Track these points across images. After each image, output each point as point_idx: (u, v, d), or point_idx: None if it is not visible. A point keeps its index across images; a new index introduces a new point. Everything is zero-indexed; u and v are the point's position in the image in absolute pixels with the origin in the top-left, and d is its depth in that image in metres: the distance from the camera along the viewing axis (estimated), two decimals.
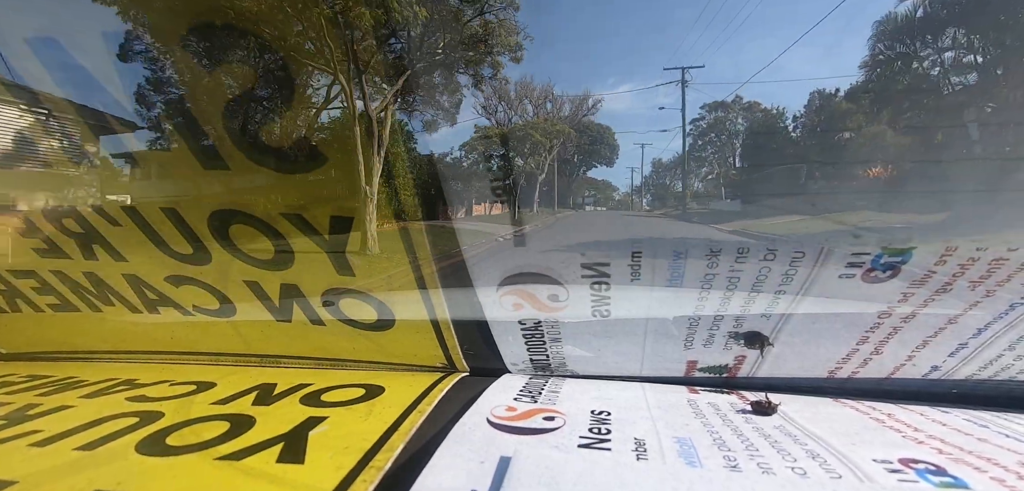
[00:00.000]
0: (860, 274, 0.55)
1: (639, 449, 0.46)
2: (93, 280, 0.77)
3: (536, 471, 0.38)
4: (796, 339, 0.62)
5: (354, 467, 0.43)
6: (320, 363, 0.77)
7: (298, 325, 0.74)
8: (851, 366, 0.61)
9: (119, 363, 0.81)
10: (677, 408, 0.56)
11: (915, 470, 0.41)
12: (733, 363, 0.65)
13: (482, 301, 0.71)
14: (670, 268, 0.62)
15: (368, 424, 0.52)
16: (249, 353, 0.79)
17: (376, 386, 0.64)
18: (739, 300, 0.60)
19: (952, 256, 0.53)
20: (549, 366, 0.70)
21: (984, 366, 0.58)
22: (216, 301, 0.75)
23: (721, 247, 0.59)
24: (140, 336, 0.82)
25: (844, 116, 4.12)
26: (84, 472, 0.43)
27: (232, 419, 0.53)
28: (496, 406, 0.56)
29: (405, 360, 0.75)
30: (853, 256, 0.55)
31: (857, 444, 0.46)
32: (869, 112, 3.87)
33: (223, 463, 0.44)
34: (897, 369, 0.60)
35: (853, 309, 0.60)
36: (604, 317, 0.65)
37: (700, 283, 0.61)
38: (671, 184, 6.27)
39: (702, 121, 6.21)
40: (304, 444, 0.47)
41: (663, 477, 0.39)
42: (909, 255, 0.53)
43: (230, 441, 0.48)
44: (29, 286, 0.79)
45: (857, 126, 3.96)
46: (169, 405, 0.58)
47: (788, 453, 0.45)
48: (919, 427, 0.50)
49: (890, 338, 0.58)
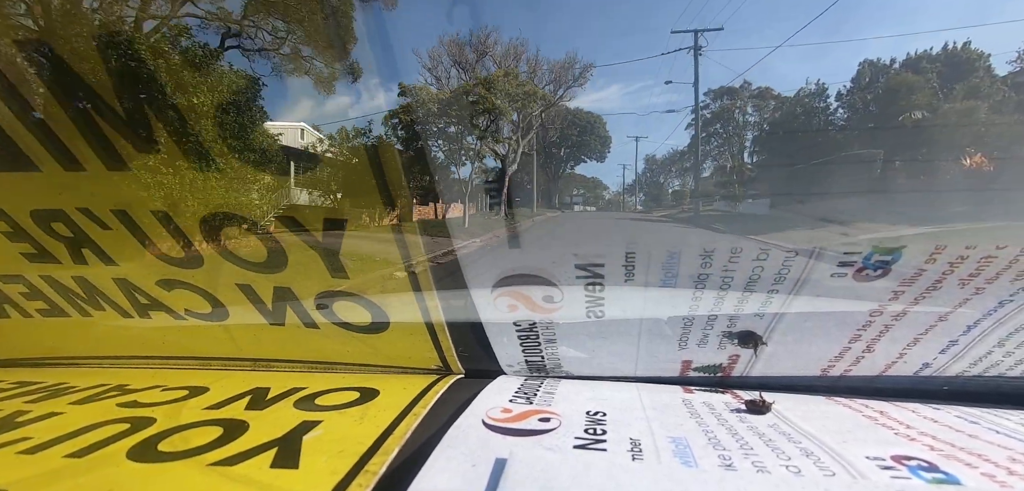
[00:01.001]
0: (851, 273, 0.56)
1: (634, 449, 0.46)
2: (84, 285, 0.76)
3: (532, 473, 0.38)
4: (789, 338, 0.62)
5: (349, 471, 0.42)
6: (314, 367, 0.76)
7: (291, 328, 0.74)
8: (844, 364, 0.62)
9: (110, 368, 0.80)
10: (672, 408, 0.56)
11: (907, 466, 0.42)
12: (727, 363, 0.65)
13: (477, 303, 0.71)
14: (664, 268, 0.62)
15: (363, 428, 0.51)
16: (242, 357, 0.79)
17: (371, 389, 0.63)
18: (733, 300, 0.60)
19: (941, 255, 0.53)
20: (544, 367, 0.70)
21: (974, 363, 0.58)
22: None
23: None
24: (132, 340, 0.81)
25: (911, 91, 3.35)
26: (74, 479, 0.43)
27: (225, 424, 0.53)
28: (491, 408, 0.55)
29: (400, 363, 0.74)
30: (845, 255, 0.55)
31: (850, 441, 0.47)
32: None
33: (216, 469, 0.44)
34: (889, 367, 0.61)
35: (845, 308, 0.61)
36: (599, 318, 0.65)
37: (694, 283, 0.61)
38: (666, 182, 5.98)
39: (707, 109, 5.76)
40: (298, 449, 0.47)
41: (658, 477, 0.39)
42: (899, 254, 0.54)
43: (223, 446, 0.48)
44: (17, 291, 0.78)
45: (928, 103, 3.17)
46: (161, 410, 0.57)
47: (782, 451, 0.45)
48: (911, 424, 0.51)
49: (882, 336, 0.59)
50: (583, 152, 17.71)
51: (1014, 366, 0.57)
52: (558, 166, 18.59)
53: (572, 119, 15.80)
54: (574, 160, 18.13)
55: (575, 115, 15.96)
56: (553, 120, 5.32)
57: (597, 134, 17.50)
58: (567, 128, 15.94)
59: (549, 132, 8.27)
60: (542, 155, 6.53)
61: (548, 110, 5.17)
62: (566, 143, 16.86)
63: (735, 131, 5.97)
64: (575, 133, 16.41)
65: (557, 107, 5.07)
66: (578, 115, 16.02)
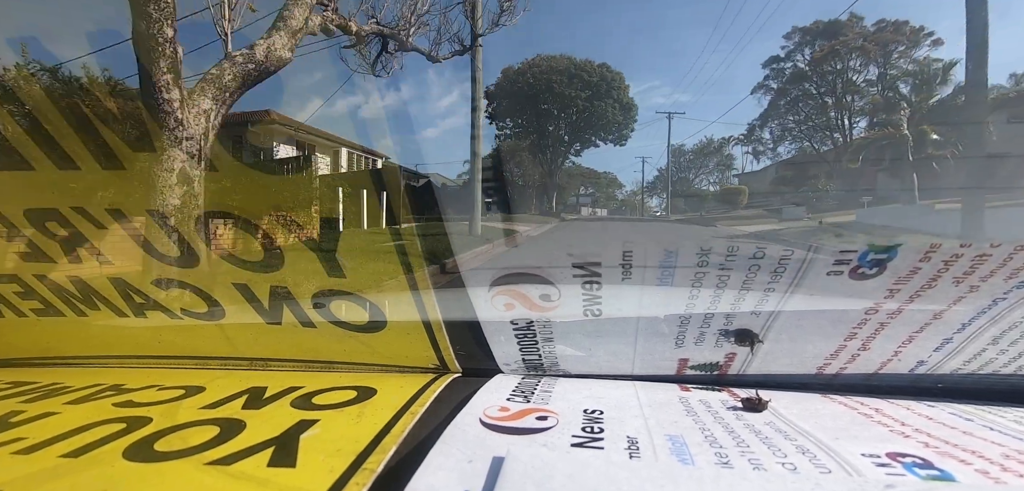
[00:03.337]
0: (847, 271, 0.56)
1: (631, 447, 0.46)
2: (79, 284, 0.75)
3: (529, 470, 0.38)
4: (786, 336, 0.63)
5: (346, 470, 0.42)
6: (311, 365, 0.76)
7: (288, 327, 0.74)
8: (839, 362, 0.62)
9: (105, 368, 0.80)
10: (669, 406, 0.56)
11: (902, 463, 0.42)
12: (724, 360, 0.65)
13: (474, 301, 0.71)
14: (661, 267, 0.62)
15: (360, 426, 0.51)
16: (238, 356, 0.78)
17: (368, 388, 0.63)
18: (729, 298, 0.61)
19: (936, 253, 0.53)
20: (542, 366, 0.70)
21: (968, 360, 0.59)
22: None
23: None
24: (127, 340, 0.81)
25: None
26: (69, 479, 0.43)
27: (222, 423, 0.53)
28: (489, 406, 0.55)
29: (397, 362, 0.74)
30: (841, 254, 0.55)
31: (846, 439, 0.47)
32: None
33: (213, 468, 0.44)
34: (884, 364, 0.61)
35: (841, 306, 0.61)
36: (596, 316, 0.65)
37: (691, 282, 0.61)
38: (696, 179, 4.18)
39: (786, 64, 3.43)
40: (295, 447, 0.47)
41: (655, 475, 0.39)
42: (895, 252, 0.54)
43: (220, 445, 0.48)
44: (12, 291, 0.77)
45: None
46: (157, 410, 0.57)
47: (779, 449, 0.45)
48: (906, 421, 0.51)
49: (877, 334, 0.59)
50: (593, 129, 11.13)
51: (1008, 363, 0.58)
52: (556, 154, 11.25)
53: (575, 71, 10.48)
54: (580, 141, 11.55)
55: (582, 69, 9.51)
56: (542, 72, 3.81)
57: (615, 98, 11.70)
58: (566, 85, 9.82)
59: (525, 78, 5.09)
60: (535, 132, 4.48)
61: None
62: (566, 112, 9.41)
63: (843, 89, 4.26)
64: (583, 97, 10.28)
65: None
66: (584, 67, 9.81)
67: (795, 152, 9.79)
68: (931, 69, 9.36)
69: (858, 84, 4.79)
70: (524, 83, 8.57)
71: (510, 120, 8.50)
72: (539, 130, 8.70)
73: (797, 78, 7.09)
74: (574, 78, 8.28)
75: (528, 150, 7.44)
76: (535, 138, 8.25)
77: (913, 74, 8.44)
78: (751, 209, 10.92)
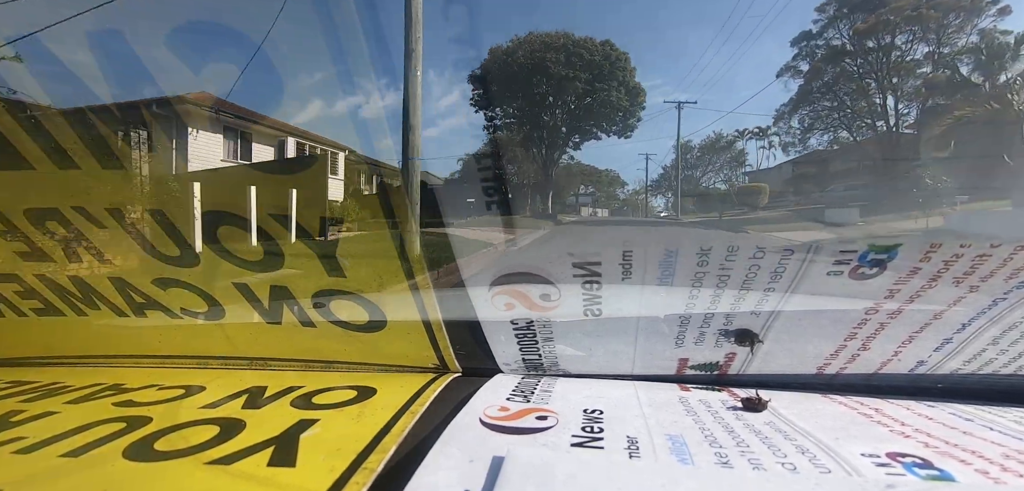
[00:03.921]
0: (847, 271, 0.56)
1: (631, 447, 0.46)
2: (78, 284, 0.75)
3: (529, 471, 0.38)
4: (785, 336, 0.63)
5: (346, 469, 0.42)
6: (311, 365, 0.76)
7: (288, 327, 0.74)
8: (839, 362, 0.62)
9: (105, 368, 0.80)
10: (669, 406, 0.56)
11: (902, 463, 0.42)
12: (724, 360, 0.65)
13: (474, 301, 0.71)
14: (661, 266, 0.63)
15: (360, 426, 0.51)
16: (238, 356, 0.78)
17: (368, 388, 0.63)
18: (729, 298, 0.61)
19: (936, 253, 0.54)
20: (542, 365, 0.70)
21: (968, 360, 0.59)
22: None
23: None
24: (127, 340, 0.81)
25: None
26: (69, 478, 0.43)
27: (222, 423, 0.53)
28: (489, 406, 0.55)
29: (397, 361, 0.74)
30: (840, 254, 0.55)
31: (845, 439, 0.47)
32: None
33: (213, 467, 0.44)
34: (884, 364, 0.61)
35: (841, 306, 0.61)
36: (596, 316, 0.65)
37: (691, 281, 0.61)
38: (704, 177, 3.57)
39: (819, 41, 2.95)
40: (295, 447, 0.47)
41: (655, 475, 0.39)
42: (895, 252, 0.54)
43: (220, 445, 0.48)
44: (12, 290, 0.77)
45: None
46: (157, 410, 0.57)
47: (778, 449, 0.45)
48: (906, 421, 0.51)
49: (877, 334, 0.59)
50: (594, 118, 9.89)
51: (1008, 363, 0.58)
52: (553, 146, 9.89)
53: (573, 49, 8.48)
54: (579, 133, 10.43)
55: (581, 47, 8.32)
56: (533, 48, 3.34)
57: (621, 81, 9.32)
58: (563, 66, 8.30)
59: (517, 56, 4.61)
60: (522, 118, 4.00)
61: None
62: (564, 98, 9.33)
63: (887, 70, 3.64)
64: (583, 79, 8.96)
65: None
66: (584, 45, 8.73)
67: (827, 143, 8.38)
68: (996, 42, 8.14)
69: (908, 62, 4.26)
70: (515, 63, 7.37)
71: (499, 108, 7.43)
72: (532, 120, 7.42)
73: (834, 56, 6.16)
74: (573, 56, 7.06)
75: (520, 144, 6.47)
76: (528, 130, 7.11)
77: (975, 49, 7.27)
78: (770, 210, 9.99)
